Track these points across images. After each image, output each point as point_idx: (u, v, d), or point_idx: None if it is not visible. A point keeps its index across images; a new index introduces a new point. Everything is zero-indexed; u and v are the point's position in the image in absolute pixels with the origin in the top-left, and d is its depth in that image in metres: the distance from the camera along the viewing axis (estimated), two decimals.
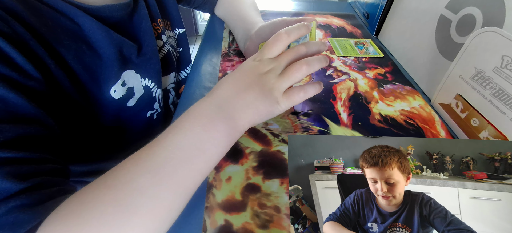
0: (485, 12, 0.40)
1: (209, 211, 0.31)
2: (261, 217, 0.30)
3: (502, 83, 0.34)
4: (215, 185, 0.33)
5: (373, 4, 0.68)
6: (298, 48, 0.34)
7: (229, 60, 0.55)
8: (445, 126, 0.43)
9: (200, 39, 0.73)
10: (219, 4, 0.67)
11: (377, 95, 0.48)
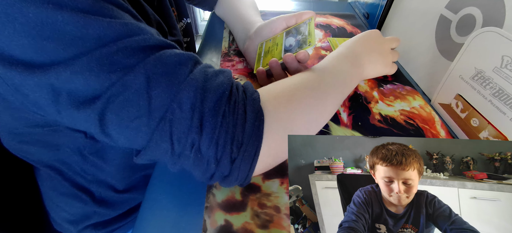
0: (485, 12, 0.40)
1: (209, 211, 0.31)
2: (261, 217, 0.30)
3: (502, 83, 0.34)
4: (215, 185, 0.33)
5: (373, 4, 0.68)
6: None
7: (229, 60, 0.55)
8: (445, 126, 0.43)
9: (200, 39, 0.73)
10: (219, 4, 0.67)
11: (377, 95, 0.48)
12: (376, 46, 0.45)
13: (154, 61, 0.24)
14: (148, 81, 0.23)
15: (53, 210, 0.45)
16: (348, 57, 0.41)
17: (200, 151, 0.25)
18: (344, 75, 0.38)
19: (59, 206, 0.44)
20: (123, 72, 0.23)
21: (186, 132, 0.24)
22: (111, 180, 0.43)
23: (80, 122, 0.25)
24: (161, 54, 0.25)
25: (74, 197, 0.42)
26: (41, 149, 0.37)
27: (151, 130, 0.24)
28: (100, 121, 0.24)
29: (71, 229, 0.45)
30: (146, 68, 0.23)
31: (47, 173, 0.41)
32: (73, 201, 0.42)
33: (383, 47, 0.46)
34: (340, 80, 0.38)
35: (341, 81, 0.38)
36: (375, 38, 0.45)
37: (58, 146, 0.37)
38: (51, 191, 0.43)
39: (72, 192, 0.41)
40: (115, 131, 0.25)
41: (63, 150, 0.37)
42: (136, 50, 0.23)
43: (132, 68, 0.23)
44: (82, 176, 0.41)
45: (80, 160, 0.39)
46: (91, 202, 0.43)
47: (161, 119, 0.24)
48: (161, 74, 0.24)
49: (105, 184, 0.43)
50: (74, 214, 0.44)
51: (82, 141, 0.37)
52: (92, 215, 0.44)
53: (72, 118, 0.25)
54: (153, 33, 0.26)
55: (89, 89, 0.22)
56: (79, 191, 0.42)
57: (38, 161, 0.39)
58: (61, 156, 0.38)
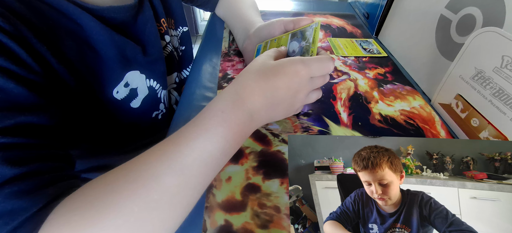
0: (485, 12, 0.40)
1: (209, 211, 0.31)
2: (261, 217, 0.30)
3: (502, 83, 0.34)
4: (215, 185, 0.33)
5: (373, 4, 0.68)
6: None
7: (229, 60, 0.55)
8: (445, 126, 0.43)
9: (200, 39, 0.73)
10: (220, 4, 0.67)
11: (377, 95, 0.48)
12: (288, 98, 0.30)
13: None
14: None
15: None
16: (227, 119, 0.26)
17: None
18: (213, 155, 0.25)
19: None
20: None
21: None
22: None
23: None
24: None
25: None
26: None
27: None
28: None
29: None
30: None
31: None
32: None
33: (297, 97, 0.31)
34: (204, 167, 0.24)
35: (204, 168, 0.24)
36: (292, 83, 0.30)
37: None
38: None
39: None
40: None
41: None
42: None
43: None
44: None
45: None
46: None
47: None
48: None
49: None
50: None
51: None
52: None
53: None
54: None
55: None
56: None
57: None
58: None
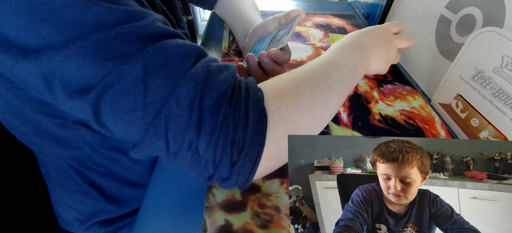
0: (485, 12, 0.40)
1: (209, 211, 0.31)
2: (261, 217, 0.30)
3: (502, 83, 0.34)
4: (215, 185, 0.33)
5: (373, 4, 0.68)
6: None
7: (229, 60, 0.55)
8: (445, 126, 0.43)
9: (200, 39, 0.73)
10: (220, 3, 0.67)
11: (377, 95, 0.48)
12: (384, 42, 0.41)
13: (154, 51, 0.22)
14: (146, 72, 0.22)
15: (60, 207, 0.45)
16: (354, 49, 0.38)
17: (197, 152, 0.24)
18: (350, 68, 0.35)
19: (67, 203, 0.43)
20: (120, 60, 0.21)
21: (183, 131, 0.23)
22: (125, 172, 0.43)
23: (76, 111, 0.24)
24: (162, 44, 0.23)
25: (83, 194, 0.41)
26: (51, 143, 0.36)
27: (145, 125, 0.23)
28: (94, 112, 0.23)
29: (78, 226, 0.44)
30: (145, 58, 0.22)
31: (54, 169, 0.40)
32: (82, 197, 0.42)
33: (391, 45, 0.42)
34: (346, 74, 0.34)
35: (346, 75, 0.34)
36: (383, 33, 0.42)
37: (67, 142, 0.36)
38: (59, 188, 0.42)
39: (82, 188, 0.41)
40: (110, 122, 0.24)
41: (74, 146, 0.37)
42: (136, 37, 0.22)
43: (130, 57, 0.22)
44: (94, 170, 0.40)
45: (93, 154, 0.38)
46: (101, 198, 0.42)
47: (156, 114, 0.23)
48: (160, 65, 0.22)
49: (119, 178, 0.43)
50: (82, 211, 0.43)
51: (91, 137, 0.36)
52: (100, 212, 0.44)
53: (68, 107, 0.24)
54: (159, 19, 0.25)
55: (83, 77, 0.21)
56: (89, 187, 0.41)
57: (47, 155, 0.39)
58: (71, 152, 0.37)
